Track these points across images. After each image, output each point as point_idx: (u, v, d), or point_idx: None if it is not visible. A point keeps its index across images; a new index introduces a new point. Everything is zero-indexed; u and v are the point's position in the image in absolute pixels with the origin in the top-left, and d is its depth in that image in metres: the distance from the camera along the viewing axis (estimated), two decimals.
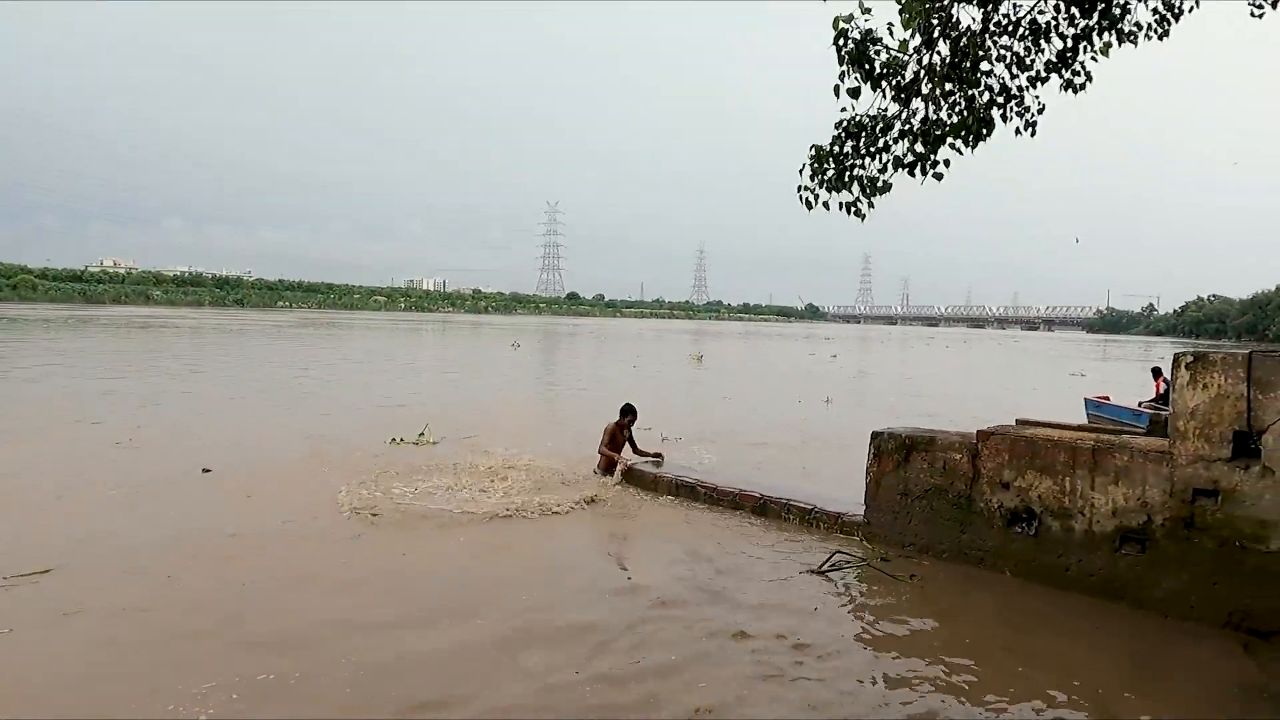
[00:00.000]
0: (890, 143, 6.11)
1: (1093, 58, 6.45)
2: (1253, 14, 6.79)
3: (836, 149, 6.07)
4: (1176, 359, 4.51)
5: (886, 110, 6.12)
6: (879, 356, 43.30)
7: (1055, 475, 4.94)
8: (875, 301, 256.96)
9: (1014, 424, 8.35)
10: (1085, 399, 15.30)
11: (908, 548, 5.62)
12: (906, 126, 6.03)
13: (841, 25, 5.86)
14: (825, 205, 6.11)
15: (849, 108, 6.02)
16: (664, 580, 5.11)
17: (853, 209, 6.13)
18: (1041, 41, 6.41)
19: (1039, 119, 6.40)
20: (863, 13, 5.79)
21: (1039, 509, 5.01)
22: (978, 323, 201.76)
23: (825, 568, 5.27)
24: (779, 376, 24.52)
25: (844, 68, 5.89)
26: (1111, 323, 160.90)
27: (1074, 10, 6.29)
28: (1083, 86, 6.60)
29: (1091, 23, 6.34)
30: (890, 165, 6.05)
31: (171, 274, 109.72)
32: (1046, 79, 6.45)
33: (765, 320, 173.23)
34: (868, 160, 6.12)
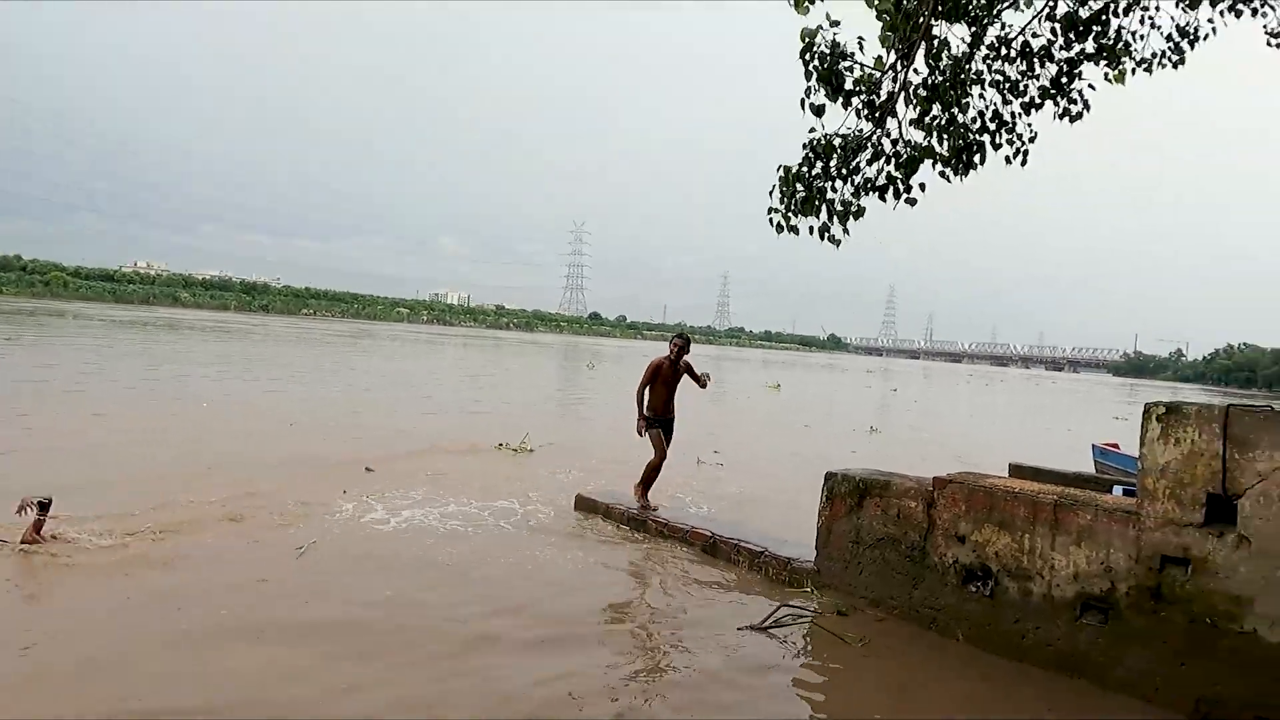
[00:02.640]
0: (862, 164, 5.75)
1: (1091, 85, 6.06)
2: (1269, 42, 6.38)
3: (805, 170, 5.71)
4: (1147, 409, 4.05)
5: (860, 130, 5.76)
6: (932, 390, 43.06)
7: (1014, 531, 4.47)
8: (899, 335, 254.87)
9: (1008, 468, 7.90)
10: (1093, 445, 14.66)
11: (858, 599, 5.16)
12: (879, 148, 5.66)
13: (809, 38, 5.53)
14: (794, 230, 5.75)
15: (818, 126, 5.67)
16: (588, 621, 4.71)
17: (825, 234, 5.75)
18: (1036, 65, 6.04)
19: (1029, 147, 6.03)
20: (830, 25, 5.45)
21: (996, 568, 4.54)
22: (1001, 360, 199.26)
23: (768, 623, 4.81)
24: (854, 406, 24.49)
25: (811, 83, 5.55)
26: (1138, 367, 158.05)
27: (1070, 34, 5.93)
28: (1079, 115, 6.19)
29: (1087, 47, 5.96)
30: (862, 188, 5.68)
31: (201, 278, 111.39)
32: (1041, 105, 6.07)
33: (786, 349, 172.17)
34: (838, 183, 5.75)
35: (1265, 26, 5.90)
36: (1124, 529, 4.07)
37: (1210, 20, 6.06)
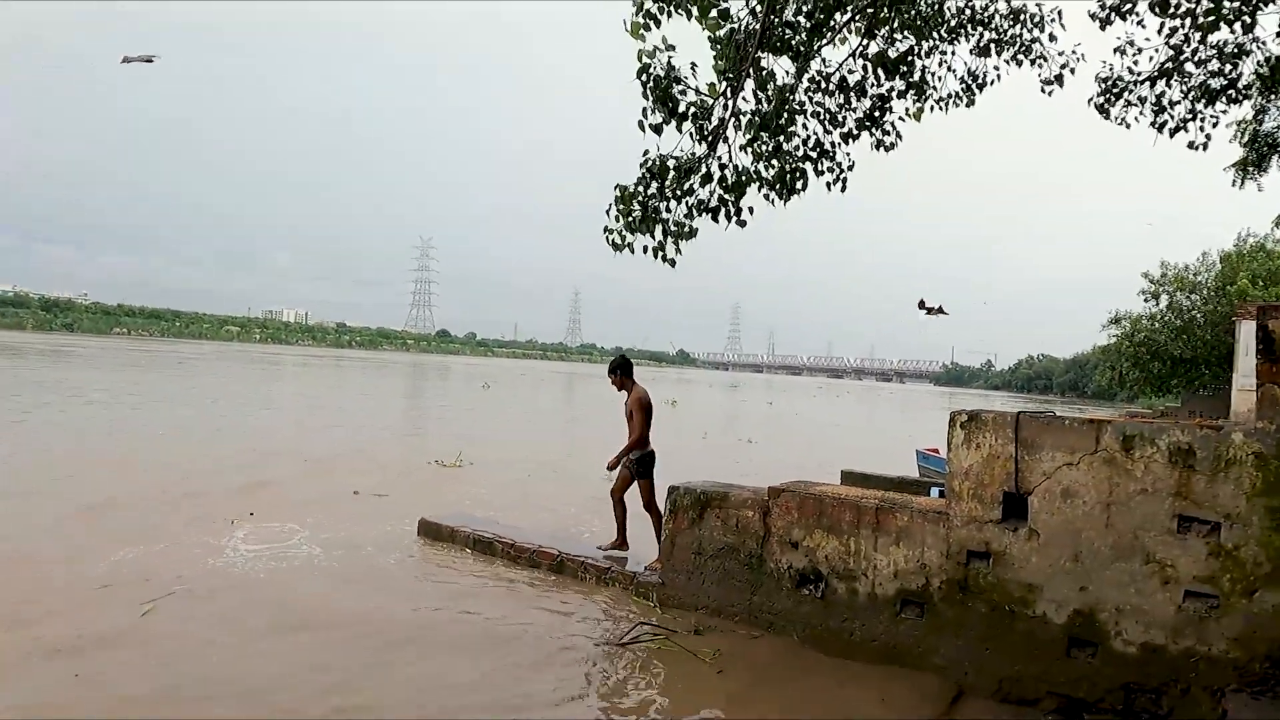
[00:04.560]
0: (696, 186, 5.95)
1: (901, 118, 6.59)
2: (1043, 89, 7.17)
3: (641, 190, 5.84)
4: (952, 418, 4.44)
5: (693, 153, 5.97)
6: (801, 403, 44.96)
7: (841, 535, 4.76)
8: (744, 349, 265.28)
9: (840, 475, 8.39)
10: (916, 450, 15.84)
11: (700, 610, 5.30)
12: (711, 171, 5.88)
13: (645, 60, 5.68)
14: (630, 249, 5.85)
15: (653, 147, 5.82)
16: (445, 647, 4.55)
17: (660, 253, 5.89)
18: (853, 99, 6.50)
19: (848, 175, 6.45)
20: (665, 49, 5.63)
21: (826, 570, 4.81)
22: (837, 373, 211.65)
23: (624, 640, 4.83)
24: (746, 420, 25.09)
25: (648, 103, 5.70)
26: (955, 376, 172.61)
27: (880, 71, 6.42)
28: (893, 146, 6.71)
29: (896, 84, 6.48)
30: (695, 209, 5.87)
31: None
32: (858, 136, 6.52)
33: (638, 364, 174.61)
34: (673, 203, 5.92)
35: (1040, 75, 6.63)
36: (936, 528, 4.42)
37: (996, 68, 6.74)
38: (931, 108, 6.77)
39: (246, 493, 8.77)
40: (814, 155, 6.29)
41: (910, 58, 6.51)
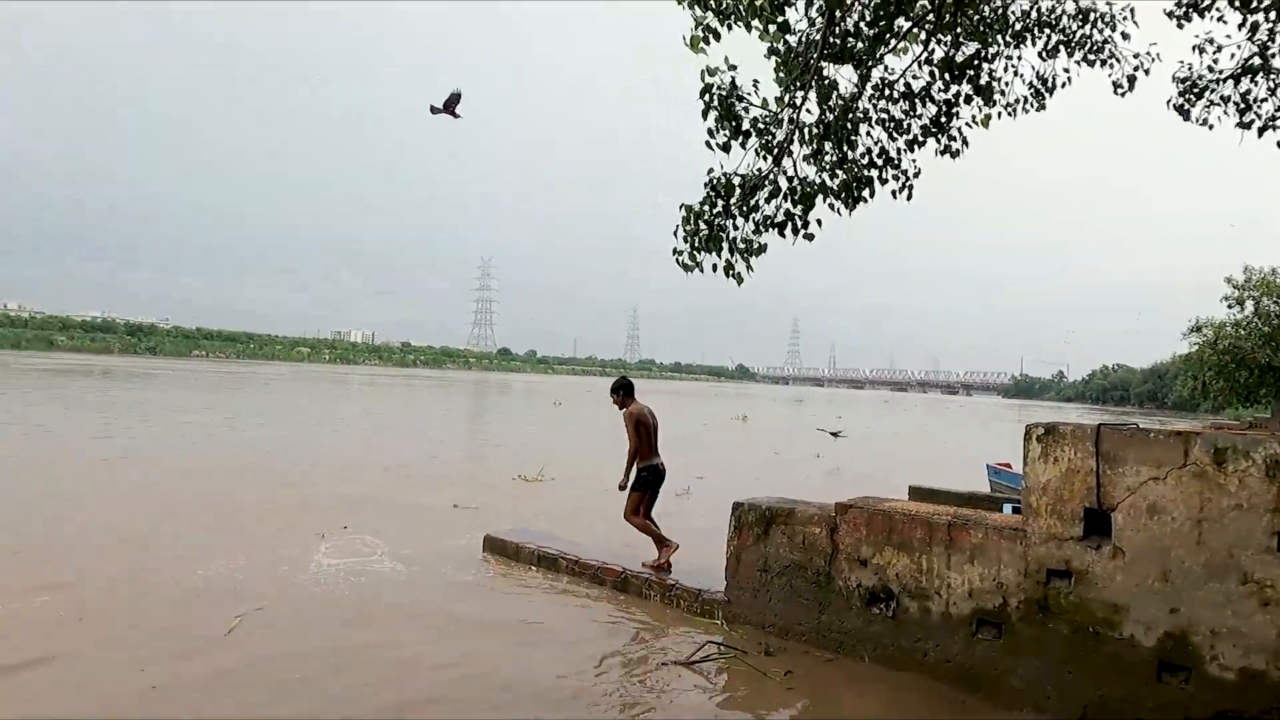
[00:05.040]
0: (761, 202, 5.92)
1: (968, 124, 6.46)
2: (1115, 91, 6.94)
3: (707, 209, 5.84)
4: (1028, 431, 4.29)
5: (759, 169, 5.95)
6: (867, 417, 44.58)
7: (912, 552, 4.63)
8: (804, 363, 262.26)
9: (908, 490, 8.19)
10: (986, 465, 15.38)
11: (767, 628, 5.22)
12: (775, 186, 5.86)
13: (708, 79, 5.70)
14: (700, 267, 5.86)
15: (718, 165, 5.82)
16: (511, 664, 4.58)
17: (728, 271, 5.88)
18: (918, 106, 6.39)
19: (914, 182, 6.35)
20: (728, 68, 5.64)
21: (897, 589, 4.68)
22: (900, 386, 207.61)
23: (692, 659, 4.78)
24: (814, 434, 25.20)
25: (712, 123, 5.72)
26: (1025, 388, 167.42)
27: (946, 76, 6.31)
28: (959, 152, 6.58)
29: (962, 89, 6.35)
30: (761, 225, 5.85)
31: (80, 319, 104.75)
32: (923, 143, 6.42)
33: (698, 380, 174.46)
34: (739, 220, 5.91)
35: (1110, 75, 6.43)
36: (1013, 545, 4.27)
37: (1066, 70, 6.55)
38: (999, 113, 6.62)
39: (336, 506, 9.13)
40: (879, 163, 6.22)
41: (976, 62, 6.37)
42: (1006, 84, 6.57)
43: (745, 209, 5.90)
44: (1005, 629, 4.28)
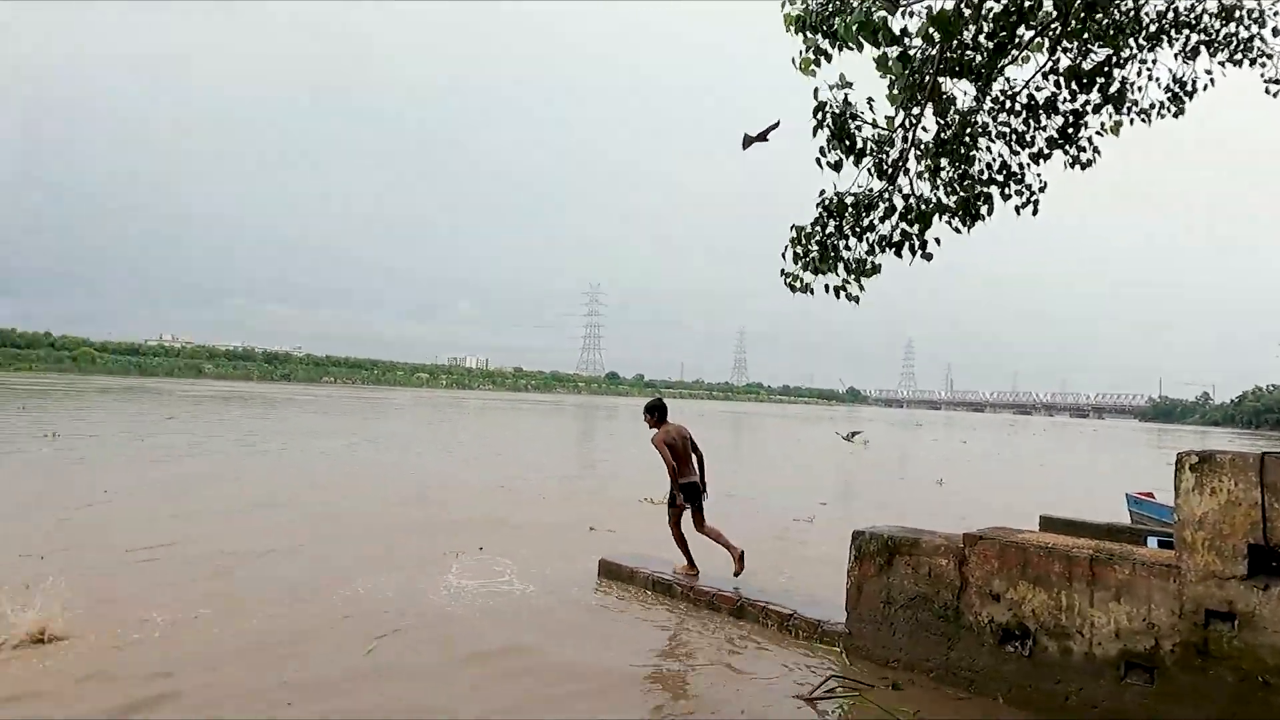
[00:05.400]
0: (876, 221, 5.80)
1: (1098, 132, 6.14)
2: (1267, 90, 6.45)
3: (819, 229, 5.77)
4: (1180, 460, 3.98)
5: (872, 187, 5.83)
6: (992, 440, 43.40)
7: (1050, 588, 4.36)
8: (918, 386, 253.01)
9: (1039, 521, 7.73)
10: (1126, 495, 14.34)
11: (891, 664, 5.02)
12: (891, 205, 5.72)
13: (821, 98, 5.64)
14: (810, 289, 5.79)
15: (830, 185, 5.75)
16: (627, 693, 4.59)
17: (841, 292, 5.78)
18: (1042, 117, 6.12)
19: (1040, 196, 6.08)
20: (842, 86, 5.58)
21: (1033, 626, 4.41)
22: (1024, 409, 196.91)
23: (814, 694, 4.64)
24: (935, 459, 24.69)
25: (824, 142, 5.65)
26: (1164, 411, 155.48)
27: (1074, 85, 6.01)
28: (1090, 163, 6.26)
29: (1092, 98, 6.04)
30: (876, 245, 5.72)
31: (224, 349, 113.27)
32: (1049, 156, 6.14)
33: (807, 403, 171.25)
34: (853, 240, 5.80)
35: (1263, 75, 5.97)
36: (1164, 583, 3.96)
37: (1209, 71, 6.14)
38: (1132, 120, 6.26)
39: (469, 526, 9.53)
40: (1000, 179, 5.99)
41: (1106, 69, 6.04)
42: (1140, 89, 6.21)
43: (859, 229, 5.79)
44: (1158, 674, 3.96)
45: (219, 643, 5.11)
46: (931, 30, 5.63)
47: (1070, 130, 6.12)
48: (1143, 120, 6.38)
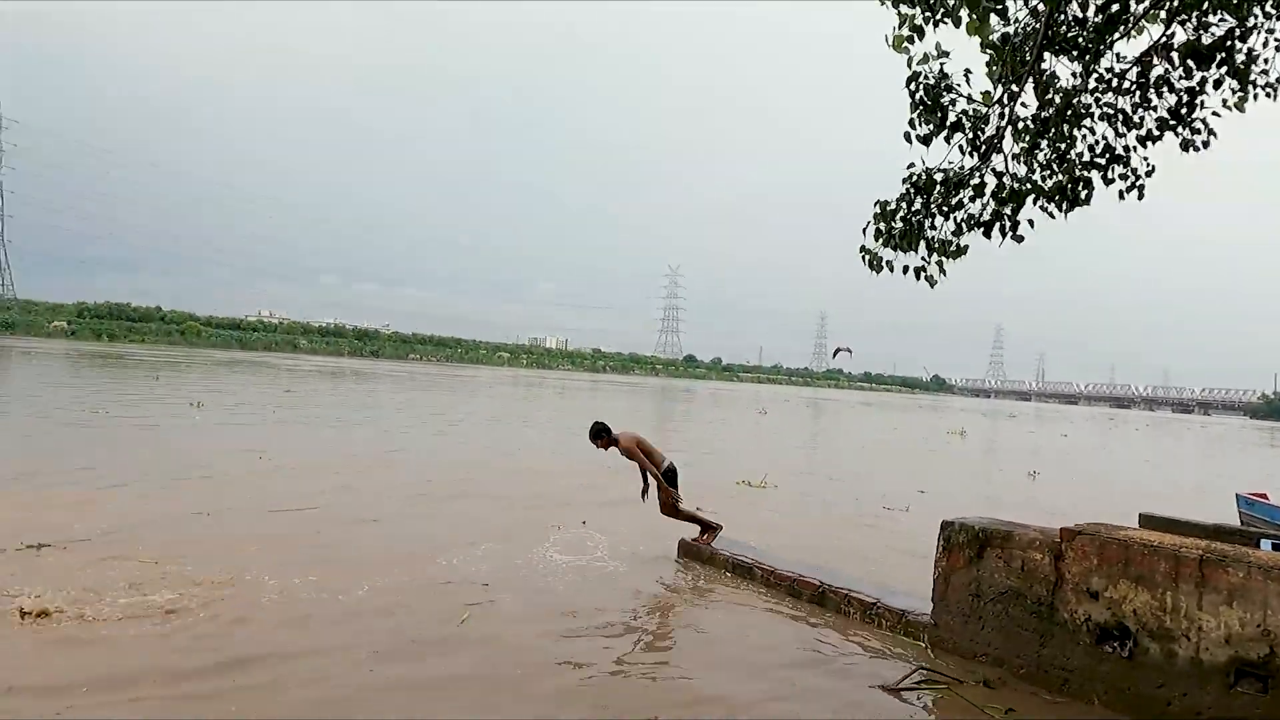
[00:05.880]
0: (965, 200, 5.61)
1: (1215, 113, 5.75)
2: None
3: (904, 205, 5.62)
4: None
5: (962, 165, 5.64)
6: (1096, 436, 42.14)
7: (1154, 588, 4.17)
8: (1007, 375, 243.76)
9: (1139, 518, 7.39)
10: (1237, 495, 13.54)
11: (979, 658, 4.90)
12: (981, 183, 5.52)
13: (915, 68, 5.48)
14: (890, 267, 5.64)
15: (919, 160, 5.59)
16: (705, 678, 4.63)
17: (921, 273, 5.63)
18: (1152, 96, 5.77)
19: (1146, 181, 5.76)
20: (939, 55, 5.40)
21: (1134, 626, 4.24)
22: (1122, 402, 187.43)
23: (901, 685, 4.57)
24: (1028, 451, 24.24)
25: (914, 114, 5.49)
26: (1278, 409, 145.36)
27: (1189, 62, 5.64)
28: (1205, 145, 5.87)
29: (1210, 74, 5.65)
30: (964, 225, 5.54)
31: (318, 325, 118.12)
32: (1159, 137, 5.79)
33: (889, 390, 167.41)
34: (939, 219, 5.63)
35: None
36: None
37: None
38: (1256, 95, 5.83)
39: (571, 501, 9.98)
40: (1102, 162, 5.69)
41: (1229, 43, 5.64)
42: (1267, 60, 5.77)
43: (947, 207, 5.60)
44: (1272, 684, 3.75)
45: (324, 605, 5.39)
46: (1036, 3, 5.38)
47: (1184, 110, 5.74)
48: (1268, 95, 5.94)
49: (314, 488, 9.62)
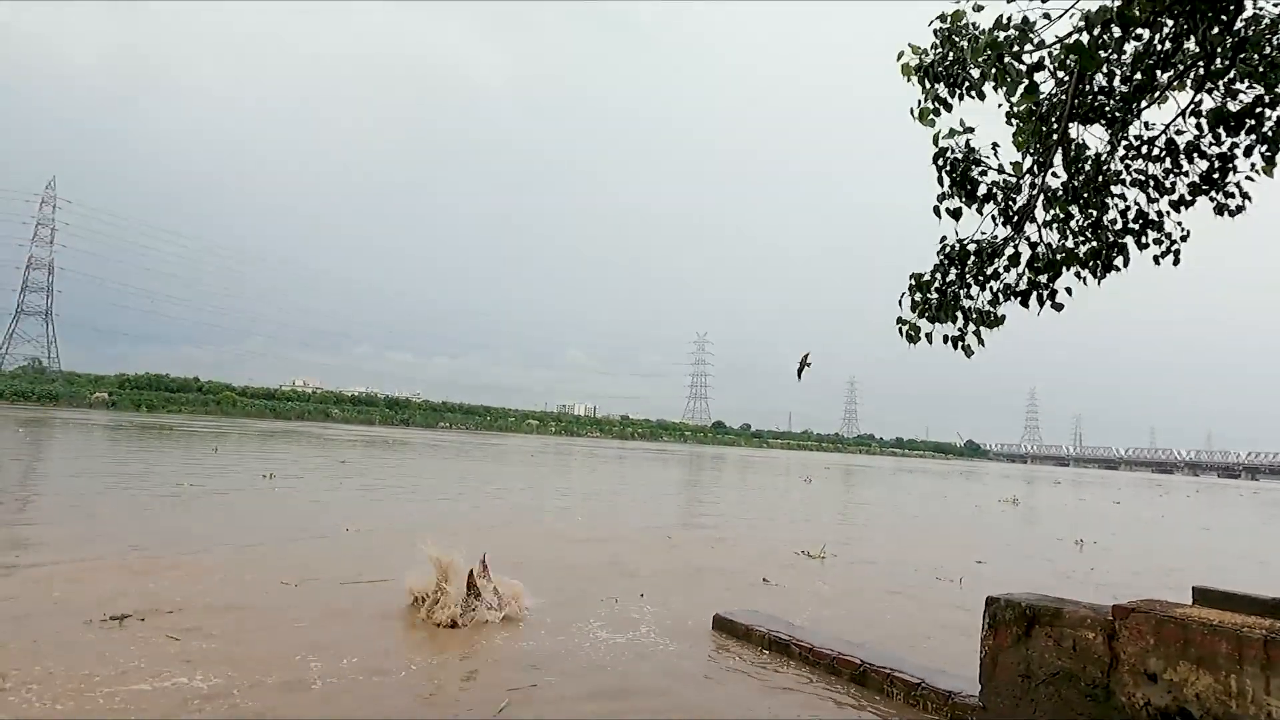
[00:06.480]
0: (1000, 270, 5.60)
1: (1248, 176, 5.73)
2: None
3: (939, 277, 5.62)
4: None
5: (995, 235, 5.66)
6: (1152, 502, 41.45)
7: (1217, 670, 3.97)
8: (1043, 440, 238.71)
9: (1193, 592, 7.07)
10: None
11: None
12: (1016, 253, 5.52)
13: (942, 143, 5.55)
14: (928, 339, 5.62)
15: (952, 232, 5.61)
16: None
17: (959, 343, 5.59)
18: (1184, 162, 5.77)
19: (1181, 245, 5.73)
20: (963, 131, 5.47)
21: (1198, 712, 4.02)
22: (1165, 467, 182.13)
23: None
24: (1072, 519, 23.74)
25: (944, 189, 5.54)
26: None
27: (1219, 130, 5.65)
28: (1240, 209, 5.84)
29: (1241, 140, 5.65)
30: (1000, 294, 5.52)
31: (350, 394, 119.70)
32: (1192, 202, 5.77)
33: (922, 456, 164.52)
34: (975, 289, 5.62)
35: None
36: None
37: None
38: None
39: (632, 572, 9.90)
40: (1135, 227, 5.67)
41: (1258, 110, 5.65)
42: None
43: (982, 278, 5.60)
44: None
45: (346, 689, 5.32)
46: (1069, 60, 5.36)
47: (1216, 175, 5.72)
48: None
49: (389, 559, 9.39)
